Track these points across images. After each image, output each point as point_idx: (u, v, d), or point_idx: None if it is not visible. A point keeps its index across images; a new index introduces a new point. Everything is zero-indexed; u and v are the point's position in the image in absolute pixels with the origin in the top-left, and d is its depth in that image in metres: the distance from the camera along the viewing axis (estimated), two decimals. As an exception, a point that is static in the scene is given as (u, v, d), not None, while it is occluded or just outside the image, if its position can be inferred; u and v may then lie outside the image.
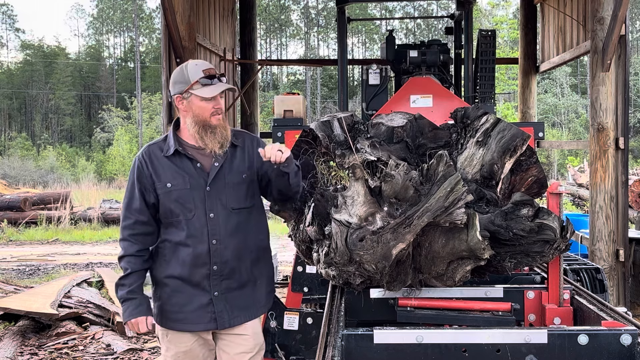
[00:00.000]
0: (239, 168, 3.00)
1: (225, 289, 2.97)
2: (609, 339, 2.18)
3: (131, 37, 58.69)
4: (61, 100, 51.06)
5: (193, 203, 2.92)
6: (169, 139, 3.00)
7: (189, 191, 2.92)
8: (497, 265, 2.63)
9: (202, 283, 2.95)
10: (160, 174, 2.94)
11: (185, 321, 2.97)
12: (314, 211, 2.65)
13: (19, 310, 6.40)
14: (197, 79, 2.88)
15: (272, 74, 53.35)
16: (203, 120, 2.91)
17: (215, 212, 2.93)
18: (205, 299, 2.95)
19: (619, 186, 6.29)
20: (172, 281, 2.96)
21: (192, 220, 2.92)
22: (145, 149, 3.04)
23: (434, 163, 2.39)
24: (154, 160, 2.97)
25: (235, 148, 3.02)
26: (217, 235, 2.93)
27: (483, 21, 30.47)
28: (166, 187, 2.93)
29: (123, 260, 2.94)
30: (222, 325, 2.98)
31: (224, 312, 2.97)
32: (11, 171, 29.97)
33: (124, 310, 2.93)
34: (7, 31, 61.91)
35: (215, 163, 2.96)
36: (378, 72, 6.50)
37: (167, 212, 2.95)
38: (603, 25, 6.19)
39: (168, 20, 5.93)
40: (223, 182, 2.96)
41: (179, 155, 2.96)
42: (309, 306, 4.49)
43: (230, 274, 2.97)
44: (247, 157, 3.03)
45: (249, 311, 3.05)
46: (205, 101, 2.89)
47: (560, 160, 29.19)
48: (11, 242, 14.51)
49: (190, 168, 2.95)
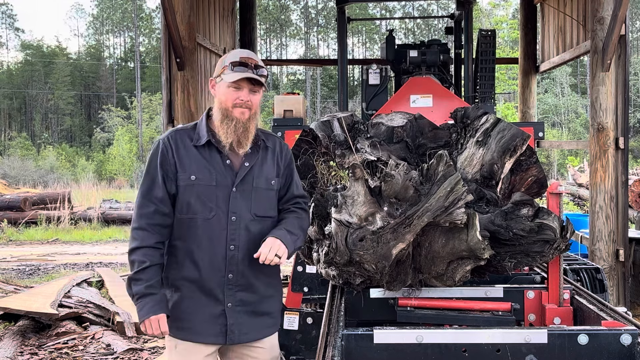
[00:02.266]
0: (268, 173, 2.78)
1: (239, 301, 2.71)
2: (609, 339, 2.18)
3: (131, 37, 58.69)
4: (61, 100, 51.06)
5: (215, 202, 2.68)
6: (201, 128, 2.75)
7: (214, 188, 2.68)
8: (497, 265, 2.63)
9: (216, 291, 2.69)
10: (185, 164, 2.69)
11: (192, 330, 2.70)
12: (314, 211, 2.65)
13: (19, 310, 6.40)
14: (229, 63, 2.69)
15: (272, 74, 53.36)
16: (225, 108, 2.69)
17: (237, 215, 2.69)
18: (218, 309, 2.70)
19: (619, 186, 6.29)
20: (184, 285, 2.71)
21: (211, 220, 2.68)
22: (172, 133, 2.77)
23: (434, 163, 2.39)
24: (180, 147, 2.71)
25: (267, 150, 2.80)
26: (236, 241, 2.69)
27: (483, 21, 30.47)
28: (189, 180, 2.67)
29: (139, 252, 2.64)
30: (232, 340, 2.72)
31: (235, 326, 2.71)
32: (11, 171, 29.97)
33: (141, 307, 2.61)
34: (6, 31, 61.94)
35: (246, 163, 2.73)
36: (378, 72, 6.51)
37: (184, 207, 2.69)
38: (603, 25, 6.19)
39: (168, 20, 5.93)
40: (251, 185, 2.73)
41: (209, 147, 2.71)
42: (309, 306, 4.49)
43: (246, 285, 2.72)
44: (276, 164, 2.82)
45: (264, 327, 2.79)
46: (232, 88, 2.68)
47: (560, 160, 29.20)
48: (11, 242, 14.51)
49: (219, 163, 2.71)
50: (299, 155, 3.07)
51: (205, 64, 7.83)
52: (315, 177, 3.03)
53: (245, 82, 2.68)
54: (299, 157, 3.06)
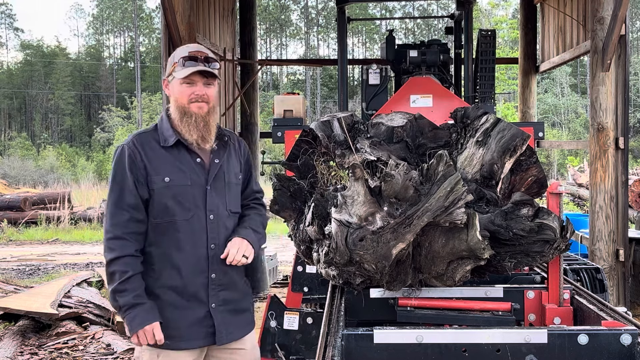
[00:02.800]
0: (235, 168, 2.80)
1: (222, 300, 2.69)
2: (609, 338, 2.18)
3: (131, 37, 58.67)
4: (61, 100, 51.05)
5: (193, 202, 2.64)
6: (164, 129, 2.70)
7: (189, 188, 2.64)
8: (497, 265, 2.63)
9: (200, 294, 2.65)
10: (157, 167, 2.63)
11: (179, 338, 2.63)
12: (314, 211, 2.65)
13: (19, 310, 6.40)
14: (178, 59, 2.64)
15: (272, 74, 53.34)
16: (182, 105, 2.64)
17: (215, 213, 2.67)
18: (202, 311, 2.66)
19: (619, 186, 6.29)
20: (166, 293, 2.63)
21: (190, 221, 2.63)
22: (136, 137, 2.69)
23: (434, 163, 2.39)
24: (147, 150, 2.65)
25: (230, 147, 2.81)
26: (216, 239, 2.67)
27: (483, 21, 30.45)
28: (163, 182, 2.61)
29: (119, 262, 2.56)
30: (220, 340, 2.69)
31: (222, 325, 2.68)
32: (11, 171, 29.95)
33: (132, 319, 2.55)
34: (6, 31, 61.92)
35: (216, 160, 2.72)
36: (378, 72, 6.51)
37: (162, 211, 2.62)
38: (603, 25, 6.19)
39: (168, 20, 5.93)
40: (223, 181, 2.73)
41: (178, 147, 2.67)
42: (309, 306, 4.49)
43: (228, 283, 2.71)
44: (238, 160, 2.84)
45: (245, 325, 2.81)
46: (185, 84, 2.63)
47: (560, 160, 29.18)
48: (11, 242, 14.51)
49: (190, 162, 2.67)
50: (299, 155, 3.07)
51: (205, 64, 7.82)
52: (315, 177, 3.02)
53: (197, 76, 2.64)
54: (299, 157, 3.06)
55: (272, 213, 3.11)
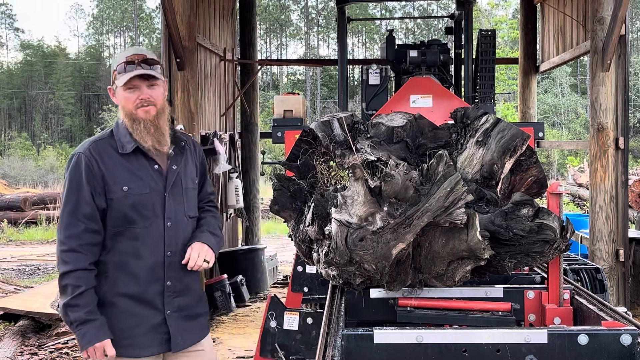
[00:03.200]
0: (192, 173, 2.78)
1: (178, 307, 2.69)
2: (609, 339, 2.18)
3: (131, 37, 58.68)
4: (61, 100, 51.06)
5: (151, 210, 2.62)
6: (121, 135, 2.65)
7: (148, 196, 2.61)
8: (497, 265, 2.63)
9: (155, 301, 2.64)
10: (115, 175, 2.59)
11: (134, 346, 2.62)
12: (314, 211, 2.65)
13: (19, 310, 6.41)
14: (116, 67, 2.61)
15: (272, 74, 53.33)
16: (130, 112, 2.61)
17: (172, 220, 2.66)
18: (158, 318, 2.65)
19: (619, 186, 6.29)
20: (121, 301, 2.61)
21: (148, 228, 2.61)
22: (92, 144, 2.64)
23: (434, 163, 2.39)
24: (105, 158, 2.60)
25: (186, 152, 2.78)
26: (172, 246, 2.66)
27: (483, 21, 30.45)
28: (122, 191, 2.58)
29: (71, 275, 2.51)
30: (176, 347, 2.69)
31: (177, 332, 2.69)
32: (11, 171, 29.94)
33: (83, 335, 2.52)
34: (6, 31, 61.93)
35: (173, 166, 2.70)
36: (378, 72, 6.51)
37: (120, 219, 2.59)
38: (603, 25, 6.19)
39: (168, 20, 5.93)
40: (181, 187, 2.71)
41: (136, 154, 2.63)
42: (309, 306, 4.48)
43: (183, 290, 2.71)
44: (194, 163, 2.82)
45: (200, 330, 2.81)
46: (128, 91, 2.59)
47: (560, 160, 29.18)
48: (11, 242, 14.51)
49: (148, 169, 2.64)
50: (299, 155, 3.07)
51: (205, 64, 7.83)
52: (315, 177, 3.02)
53: (139, 80, 2.60)
54: (299, 157, 3.06)
55: (272, 213, 3.11)
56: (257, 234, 9.89)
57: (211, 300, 7.20)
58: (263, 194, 12.47)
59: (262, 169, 9.16)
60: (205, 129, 7.51)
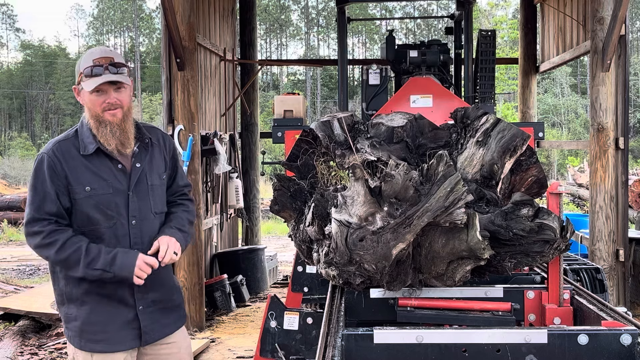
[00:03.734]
0: (159, 169, 2.79)
1: (151, 301, 2.73)
2: (609, 339, 2.18)
3: (131, 37, 58.70)
4: (61, 100, 51.05)
5: (115, 209, 2.63)
6: (85, 136, 2.66)
7: (111, 196, 2.63)
8: (497, 265, 2.63)
9: (125, 297, 2.67)
10: (78, 176, 2.60)
11: (108, 341, 2.65)
12: (314, 211, 2.65)
13: (19, 310, 6.41)
14: (83, 69, 2.62)
15: (272, 74, 53.33)
16: (96, 114, 2.62)
17: (137, 218, 2.68)
18: (130, 314, 2.68)
19: (619, 186, 6.29)
20: (92, 298, 2.64)
21: (112, 228, 2.63)
22: (55, 145, 2.65)
23: (434, 163, 2.39)
24: (68, 159, 2.62)
25: (152, 146, 2.78)
26: (139, 243, 2.67)
27: (483, 21, 30.45)
28: (85, 192, 2.59)
29: (65, 247, 2.55)
30: (147, 341, 2.73)
31: (149, 326, 2.72)
32: (11, 171, 29.92)
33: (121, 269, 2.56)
34: (7, 31, 61.94)
35: (137, 164, 2.71)
36: (378, 72, 6.51)
37: (84, 219, 2.62)
38: (603, 25, 6.19)
39: (168, 20, 5.93)
40: (146, 184, 2.72)
41: (99, 154, 2.64)
42: (309, 306, 4.48)
43: (154, 284, 2.72)
44: (163, 158, 2.83)
45: (175, 321, 2.86)
46: (95, 94, 2.60)
47: (560, 160, 29.17)
48: (11, 242, 14.51)
49: (111, 169, 2.66)
50: (299, 155, 3.07)
51: (205, 64, 7.83)
52: (316, 177, 3.03)
53: (106, 84, 2.60)
54: (299, 157, 3.06)
55: (272, 213, 3.11)
56: (257, 234, 9.90)
57: (211, 300, 7.20)
58: (263, 194, 12.47)
59: (262, 169, 9.16)
60: (205, 129, 7.51)
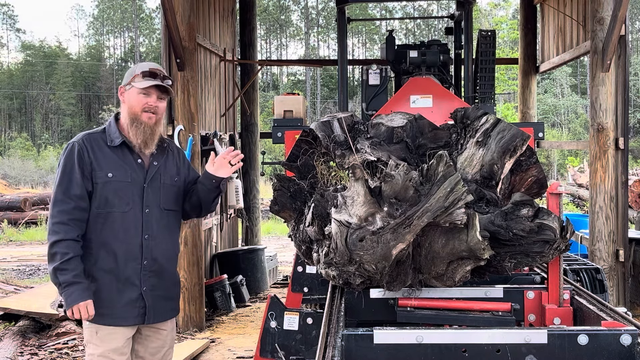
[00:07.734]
0: (171, 172, 3.15)
1: (153, 285, 3.05)
2: (608, 339, 2.18)
3: (131, 37, 58.69)
4: (61, 101, 51.05)
5: (131, 197, 2.99)
6: (112, 131, 3.06)
7: (129, 184, 3.00)
8: (497, 265, 2.63)
9: (132, 278, 3.00)
10: (102, 163, 2.98)
11: (114, 316, 2.99)
12: (314, 211, 2.65)
13: (19, 310, 6.41)
14: (139, 72, 3.01)
15: (272, 74, 53.32)
16: (134, 113, 3.00)
17: (150, 208, 3.03)
18: (135, 293, 3.01)
19: (618, 186, 6.29)
20: (102, 276, 2.98)
21: (127, 213, 2.98)
22: (85, 136, 3.07)
23: (434, 163, 2.39)
24: (95, 148, 3.01)
25: (167, 154, 3.17)
26: (149, 230, 3.02)
27: (483, 21, 30.45)
28: (107, 177, 2.97)
29: (61, 244, 2.90)
30: (149, 320, 3.05)
31: (152, 307, 3.05)
32: (11, 171, 29.93)
33: (69, 295, 2.88)
34: (7, 31, 61.93)
35: (154, 162, 3.09)
36: (378, 73, 6.51)
37: (103, 202, 2.97)
38: (603, 26, 6.19)
39: (168, 21, 5.93)
40: (159, 181, 3.08)
41: (123, 148, 3.04)
42: (309, 306, 4.48)
43: (158, 270, 3.07)
44: (176, 165, 3.19)
45: (170, 310, 3.18)
46: (141, 94, 2.99)
47: (560, 160, 29.17)
48: (11, 242, 14.51)
49: (132, 162, 3.03)
50: (299, 155, 3.07)
51: (205, 64, 7.83)
52: (315, 177, 3.03)
53: (154, 90, 3.02)
54: (299, 158, 3.06)
55: (272, 213, 3.13)
56: (257, 234, 9.90)
57: (211, 300, 7.20)
58: (263, 195, 12.47)
59: (262, 169, 9.15)
60: (205, 129, 7.51)
